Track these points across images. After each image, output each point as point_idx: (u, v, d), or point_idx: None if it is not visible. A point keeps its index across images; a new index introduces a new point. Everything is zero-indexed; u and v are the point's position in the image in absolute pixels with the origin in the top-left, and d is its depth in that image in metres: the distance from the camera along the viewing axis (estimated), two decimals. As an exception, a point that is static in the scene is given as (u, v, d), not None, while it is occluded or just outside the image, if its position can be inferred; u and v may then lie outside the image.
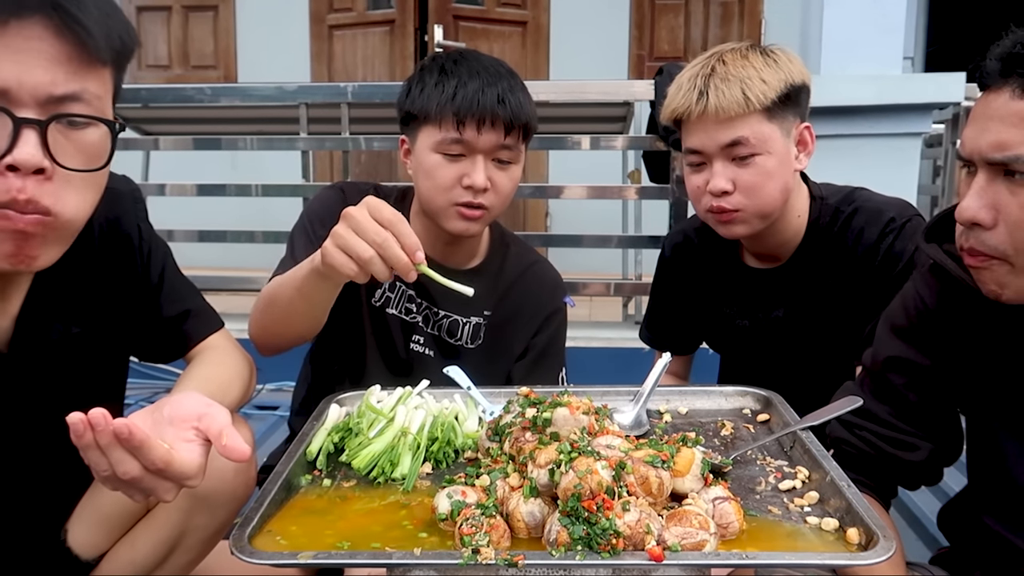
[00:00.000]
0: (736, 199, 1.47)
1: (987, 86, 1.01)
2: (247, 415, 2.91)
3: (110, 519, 1.21)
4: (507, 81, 1.50)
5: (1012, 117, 0.96)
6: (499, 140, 1.48)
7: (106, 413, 0.82)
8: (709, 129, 1.46)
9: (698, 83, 1.46)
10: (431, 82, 1.49)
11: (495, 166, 1.50)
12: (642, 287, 3.90)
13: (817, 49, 3.60)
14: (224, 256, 4.40)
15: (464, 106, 1.45)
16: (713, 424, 1.31)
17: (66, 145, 0.93)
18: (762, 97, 1.43)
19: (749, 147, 1.45)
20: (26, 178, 0.90)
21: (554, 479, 0.93)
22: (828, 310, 1.57)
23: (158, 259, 1.29)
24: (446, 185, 1.49)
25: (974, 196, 1.00)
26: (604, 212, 4.65)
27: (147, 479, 0.87)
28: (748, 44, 1.51)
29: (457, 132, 1.46)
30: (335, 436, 1.20)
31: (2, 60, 0.87)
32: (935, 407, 1.22)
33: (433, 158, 1.49)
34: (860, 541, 0.91)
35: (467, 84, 1.46)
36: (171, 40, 6.05)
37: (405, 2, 5.62)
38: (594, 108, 4.24)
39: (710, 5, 5.79)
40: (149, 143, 3.89)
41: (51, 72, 0.90)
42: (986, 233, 1.00)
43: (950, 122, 4.25)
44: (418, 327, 1.64)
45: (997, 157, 0.97)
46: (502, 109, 1.46)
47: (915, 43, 6.05)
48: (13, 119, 0.89)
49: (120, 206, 1.22)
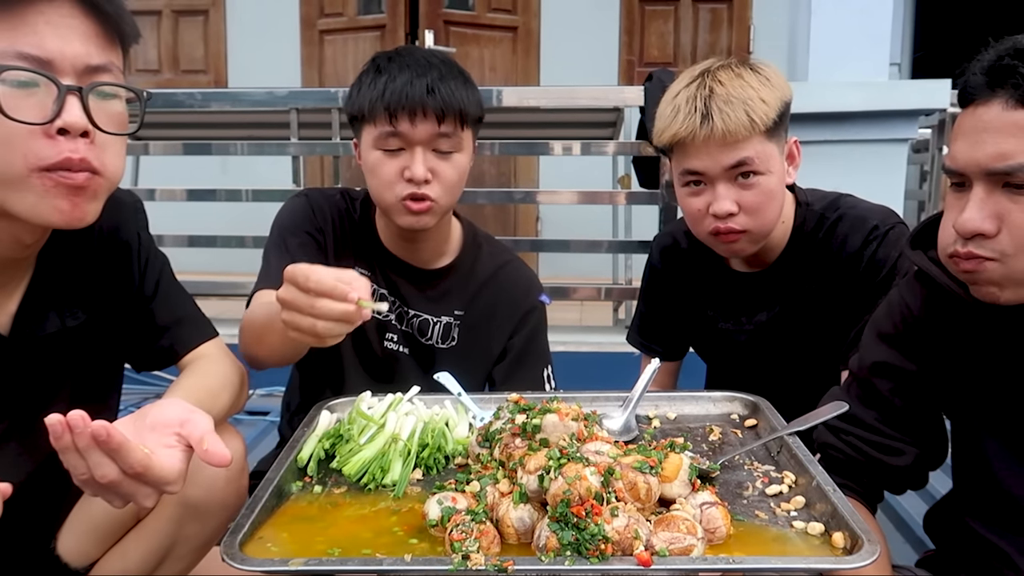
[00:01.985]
0: (741, 219, 1.46)
1: (972, 100, 1.01)
2: (238, 421, 2.90)
3: (101, 528, 1.21)
4: (438, 70, 1.49)
5: (1010, 127, 0.96)
6: (434, 130, 1.47)
7: (85, 415, 0.83)
8: (713, 152, 1.44)
9: (699, 105, 1.43)
10: (367, 81, 1.51)
11: (436, 157, 1.50)
12: (632, 292, 3.91)
13: (805, 56, 3.63)
14: (214, 261, 4.39)
15: (394, 99, 1.45)
16: (701, 429, 1.32)
17: (100, 112, 1.01)
18: (765, 118, 1.42)
19: (753, 167, 1.44)
20: (75, 140, 0.98)
21: (543, 485, 0.94)
22: (811, 315, 1.59)
23: (155, 268, 1.31)
24: (389, 180, 1.49)
25: (975, 208, 1.00)
26: (594, 217, 4.66)
27: (125, 483, 0.87)
28: (734, 60, 1.50)
29: (391, 126, 1.47)
30: (326, 442, 1.20)
31: (46, 33, 0.96)
32: (921, 412, 1.24)
33: (374, 155, 1.50)
34: (845, 545, 0.92)
35: (396, 78, 1.47)
36: (161, 44, 6.03)
37: (396, 7, 5.63)
38: (584, 114, 4.26)
39: (699, 12, 5.82)
40: (139, 147, 3.88)
41: (86, 45, 0.99)
42: (987, 240, 1.01)
43: (936, 128, 4.30)
44: (391, 324, 1.65)
45: (999, 167, 0.97)
46: (431, 99, 1.45)
47: (902, 49, 6.10)
48: (59, 86, 0.96)
49: (122, 214, 1.25)
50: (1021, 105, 0.96)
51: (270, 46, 5.87)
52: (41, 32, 0.95)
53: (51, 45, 0.96)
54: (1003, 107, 0.97)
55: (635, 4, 5.84)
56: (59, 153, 0.97)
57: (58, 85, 0.96)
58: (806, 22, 3.63)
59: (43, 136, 0.96)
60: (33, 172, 0.97)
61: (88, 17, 0.99)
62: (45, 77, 0.95)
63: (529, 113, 4.08)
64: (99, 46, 1.01)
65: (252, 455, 2.10)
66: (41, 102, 0.96)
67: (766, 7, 5.60)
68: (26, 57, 0.95)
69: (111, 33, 1.03)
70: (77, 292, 1.19)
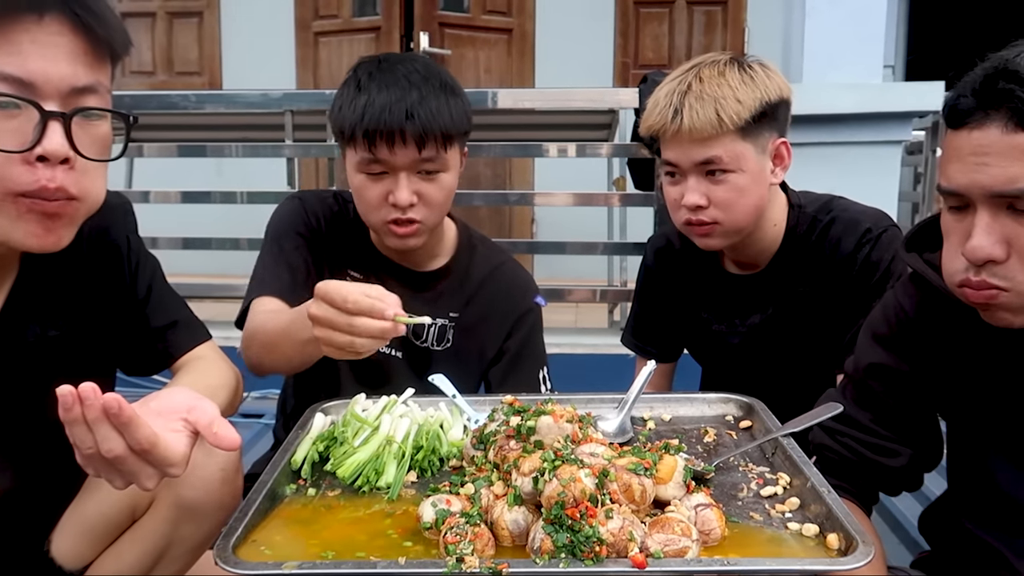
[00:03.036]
0: (711, 212, 1.49)
1: (964, 123, 0.99)
2: (233, 423, 2.89)
3: (95, 529, 1.21)
4: (419, 91, 1.43)
5: (1014, 151, 0.95)
6: (415, 155, 1.43)
7: (95, 387, 0.82)
8: (684, 146, 1.47)
9: (673, 100, 1.46)
10: (348, 98, 1.47)
11: (421, 179, 1.46)
12: (627, 293, 3.91)
13: (799, 58, 3.64)
14: (209, 263, 4.38)
15: (372, 126, 1.41)
16: (696, 431, 1.32)
17: (83, 136, 0.98)
18: (735, 118, 1.43)
19: (722, 165, 1.46)
20: (54, 168, 0.95)
21: (538, 487, 0.94)
22: (804, 317, 1.59)
23: (146, 272, 1.29)
24: (374, 204, 1.48)
25: (983, 234, 0.99)
26: (589, 219, 4.67)
27: (130, 460, 0.86)
28: (729, 57, 1.51)
29: (370, 153, 1.43)
30: (320, 445, 1.20)
31: (31, 53, 0.93)
32: (916, 413, 1.24)
33: (358, 178, 1.48)
34: (840, 546, 0.92)
35: (375, 101, 1.42)
36: (155, 46, 6.01)
37: (391, 9, 5.62)
38: (579, 116, 4.26)
39: (694, 14, 5.83)
40: (133, 150, 3.87)
41: (72, 66, 0.96)
42: (998, 267, 0.99)
43: (930, 130, 4.31)
44: None
45: (1008, 191, 0.96)
46: (411, 124, 1.40)
47: (895, 51, 6.13)
48: (41, 112, 0.94)
49: (110, 217, 1.23)
50: (1021, 128, 0.94)
51: (265, 48, 5.86)
52: (25, 52, 0.92)
53: (35, 66, 0.93)
54: (1002, 131, 0.95)
55: (630, 6, 5.85)
56: (36, 181, 0.94)
57: (40, 110, 0.93)
58: (800, 24, 3.64)
59: (21, 163, 0.94)
60: (7, 196, 0.95)
61: (78, 35, 0.96)
62: (26, 102, 0.92)
63: (524, 115, 4.09)
64: (87, 65, 0.97)
65: (247, 458, 2.09)
66: (22, 127, 0.93)
67: (761, 9, 5.62)
68: (8, 79, 0.92)
69: (101, 50, 0.99)
70: (64, 297, 1.18)
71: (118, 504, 1.20)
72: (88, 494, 1.22)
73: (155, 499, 1.20)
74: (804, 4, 3.61)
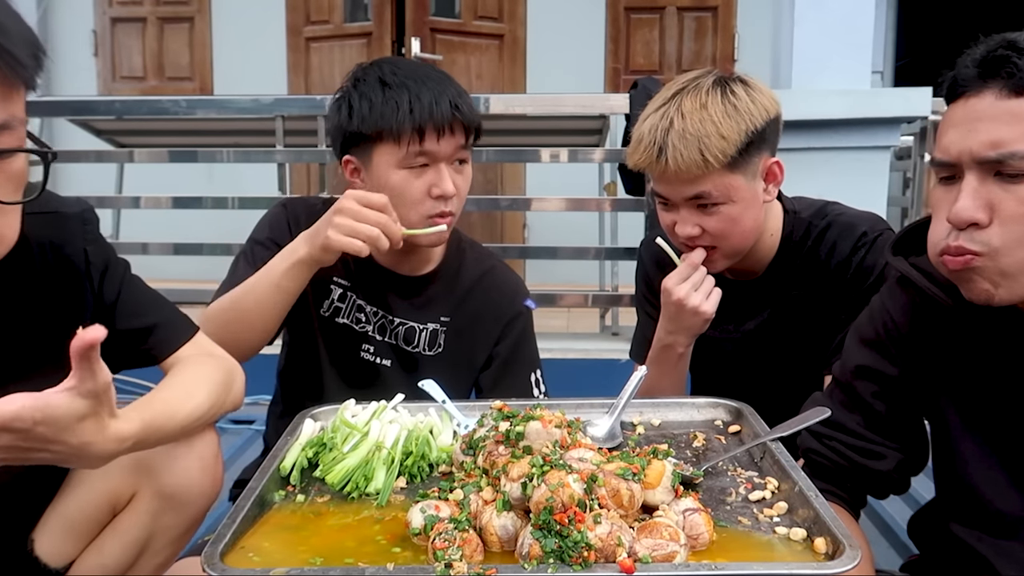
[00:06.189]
0: (707, 239, 1.49)
1: (962, 93, 1.02)
2: (222, 430, 2.88)
3: (77, 526, 1.20)
4: (453, 86, 1.52)
5: (1004, 115, 0.97)
6: (459, 144, 1.51)
7: None
8: (672, 183, 1.46)
9: (657, 137, 1.43)
10: (378, 99, 1.48)
11: (455, 170, 1.54)
12: (618, 298, 3.93)
13: (788, 63, 3.66)
14: (200, 269, 4.37)
15: (424, 118, 1.46)
16: (685, 435, 1.32)
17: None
18: (721, 156, 1.40)
19: (712, 199, 1.45)
20: None
21: (526, 492, 0.94)
22: (800, 322, 1.59)
23: (114, 278, 1.23)
24: (416, 199, 1.50)
25: (968, 197, 1.00)
26: (581, 224, 4.68)
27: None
28: (712, 81, 1.45)
29: (420, 145, 1.47)
30: (309, 451, 1.19)
31: None
32: (902, 416, 1.24)
33: (398, 175, 1.49)
34: (827, 550, 0.92)
35: (420, 96, 1.47)
36: (146, 51, 6.00)
37: (382, 14, 5.63)
38: (571, 121, 4.27)
39: (684, 20, 5.85)
40: (124, 155, 3.87)
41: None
42: (979, 232, 1.00)
43: (918, 135, 4.33)
44: (369, 336, 1.63)
45: (992, 155, 0.97)
46: (459, 115, 1.48)
47: (884, 57, 6.17)
48: None
49: (66, 230, 1.18)
50: (1014, 94, 0.97)
51: (256, 53, 5.86)
52: None
53: None
54: (996, 96, 0.98)
55: (621, 12, 5.88)
56: None
57: None
58: (789, 31, 3.66)
59: None
60: None
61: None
62: None
63: (516, 120, 4.10)
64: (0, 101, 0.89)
65: (237, 464, 2.09)
66: None
67: (750, 16, 5.65)
68: None
69: (16, 80, 0.90)
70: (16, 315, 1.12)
71: (98, 499, 1.20)
72: (69, 491, 1.21)
73: (135, 492, 1.20)
74: (793, 10, 3.63)
